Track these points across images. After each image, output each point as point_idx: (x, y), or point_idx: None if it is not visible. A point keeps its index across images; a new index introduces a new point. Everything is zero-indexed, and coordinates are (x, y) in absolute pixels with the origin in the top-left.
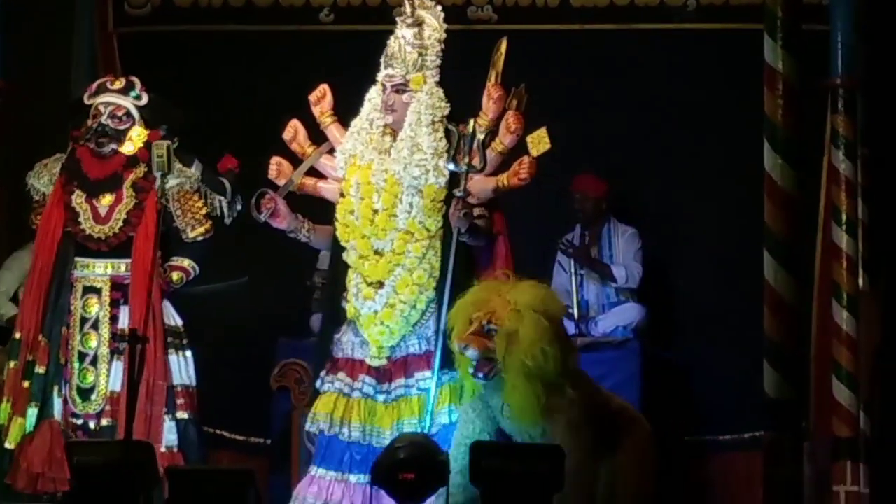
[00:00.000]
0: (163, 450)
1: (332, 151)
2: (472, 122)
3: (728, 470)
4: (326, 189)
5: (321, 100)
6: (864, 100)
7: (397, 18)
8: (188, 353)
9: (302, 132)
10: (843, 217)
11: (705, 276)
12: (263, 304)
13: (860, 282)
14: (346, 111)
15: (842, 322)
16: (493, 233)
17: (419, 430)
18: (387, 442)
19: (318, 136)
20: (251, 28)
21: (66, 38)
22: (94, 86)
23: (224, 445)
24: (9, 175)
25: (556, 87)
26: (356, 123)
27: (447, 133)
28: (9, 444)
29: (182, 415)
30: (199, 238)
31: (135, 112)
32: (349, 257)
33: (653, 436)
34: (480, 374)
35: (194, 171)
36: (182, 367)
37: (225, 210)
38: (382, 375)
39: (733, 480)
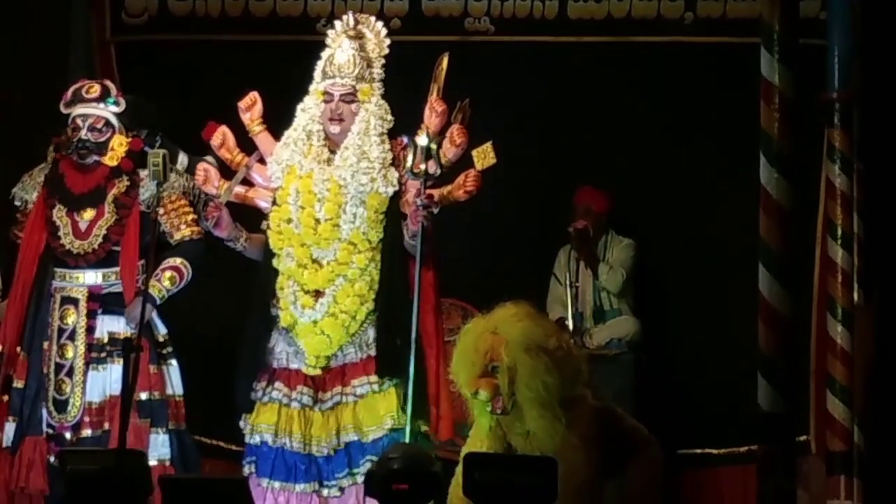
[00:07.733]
0: (154, 463)
1: (261, 160)
2: (424, 129)
3: (723, 483)
4: (257, 197)
5: (251, 107)
6: (861, 114)
7: (337, 27)
8: (174, 363)
9: (231, 139)
10: (839, 231)
11: (700, 290)
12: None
13: (855, 296)
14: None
15: (836, 336)
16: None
17: (357, 436)
18: (325, 451)
19: (247, 143)
20: (248, 38)
21: (62, 47)
22: (70, 93)
23: (221, 455)
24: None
25: (552, 99)
26: (290, 135)
27: (407, 145)
28: None
29: (174, 426)
30: (186, 239)
31: (114, 120)
32: (283, 265)
33: (663, 460)
34: (498, 411)
35: (179, 167)
36: (170, 378)
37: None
38: (318, 385)
39: (728, 494)
